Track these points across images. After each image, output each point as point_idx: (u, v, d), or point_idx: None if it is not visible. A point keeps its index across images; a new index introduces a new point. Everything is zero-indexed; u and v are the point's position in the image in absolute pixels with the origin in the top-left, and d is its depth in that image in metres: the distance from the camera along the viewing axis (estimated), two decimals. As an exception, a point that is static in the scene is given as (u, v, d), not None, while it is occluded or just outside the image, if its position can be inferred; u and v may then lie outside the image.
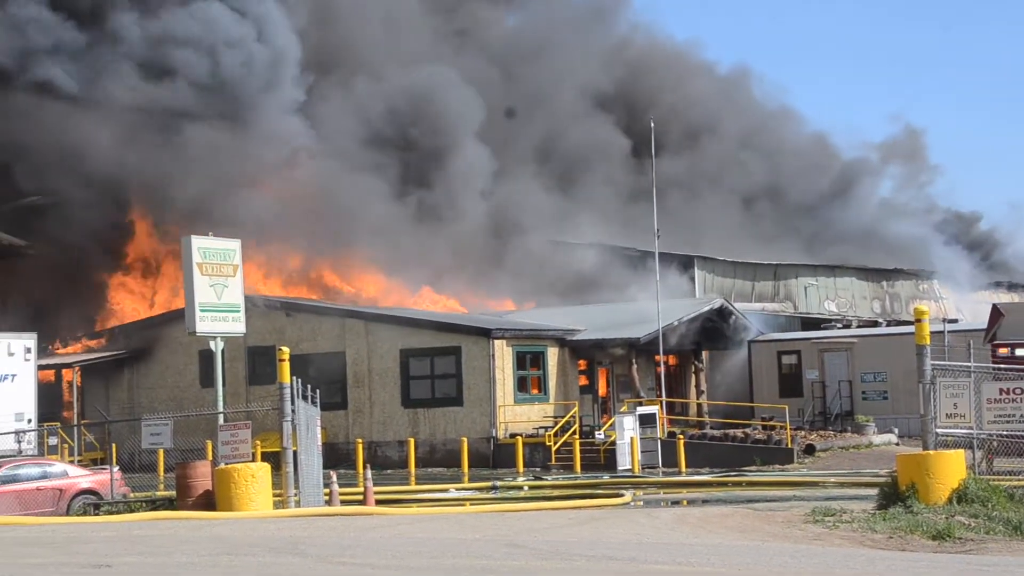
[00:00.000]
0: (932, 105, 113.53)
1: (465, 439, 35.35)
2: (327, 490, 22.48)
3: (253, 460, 20.75)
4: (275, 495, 20.33)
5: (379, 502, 23.64)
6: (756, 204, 55.63)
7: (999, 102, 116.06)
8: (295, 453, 20.70)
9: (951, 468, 16.96)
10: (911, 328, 18.35)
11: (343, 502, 23.04)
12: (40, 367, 30.29)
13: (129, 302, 44.50)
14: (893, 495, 17.08)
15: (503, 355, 36.82)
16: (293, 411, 20.77)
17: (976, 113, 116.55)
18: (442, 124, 46.58)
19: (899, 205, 62.94)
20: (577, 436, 35.20)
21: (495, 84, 49.74)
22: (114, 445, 29.60)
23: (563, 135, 52.25)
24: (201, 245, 22.98)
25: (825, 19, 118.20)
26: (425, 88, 46.70)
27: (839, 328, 44.25)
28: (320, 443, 22.56)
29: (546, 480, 31.13)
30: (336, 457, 35.28)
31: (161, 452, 32.48)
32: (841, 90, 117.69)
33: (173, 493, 21.27)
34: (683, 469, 32.84)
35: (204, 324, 22.84)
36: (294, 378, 21.05)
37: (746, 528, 15.80)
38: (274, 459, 21.49)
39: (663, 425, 35.22)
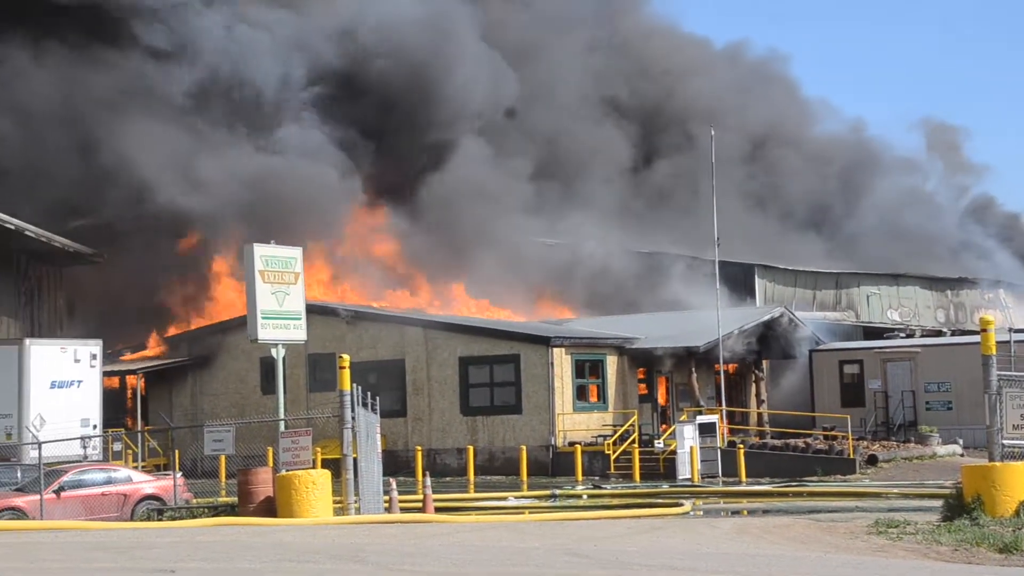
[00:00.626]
0: (952, 106, 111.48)
1: (524, 447, 35.35)
2: (387, 497, 22.57)
3: (314, 467, 20.88)
4: (335, 502, 20.44)
5: (438, 510, 23.69)
6: (772, 203, 54.37)
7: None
8: (355, 460, 20.80)
9: (1018, 480, 16.68)
10: (976, 338, 18.12)
11: (403, 509, 23.12)
12: (105, 373, 30.73)
13: (192, 309, 44.97)
14: (958, 507, 16.83)
15: (562, 363, 36.77)
16: (353, 418, 20.87)
17: (1000, 115, 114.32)
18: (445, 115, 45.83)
19: (929, 198, 61.45)
20: (636, 445, 35.08)
21: (503, 80, 48.97)
22: (176, 451, 29.95)
23: (566, 134, 51.27)
24: (263, 253, 23.18)
25: (834, 20, 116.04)
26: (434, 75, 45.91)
27: (902, 337, 43.71)
28: (380, 450, 22.67)
29: (605, 489, 31.03)
30: (395, 464, 35.41)
31: (223, 458, 32.72)
32: (854, 90, 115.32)
33: (235, 499, 21.45)
34: (743, 479, 32.60)
35: (266, 331, 23.04)
36: (354, 385, 21.16)
37: (808, 539, 15.65)
38: (334, 466, 21.63)
39: (723, 434, 34.98)
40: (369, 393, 22.16)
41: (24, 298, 38.22)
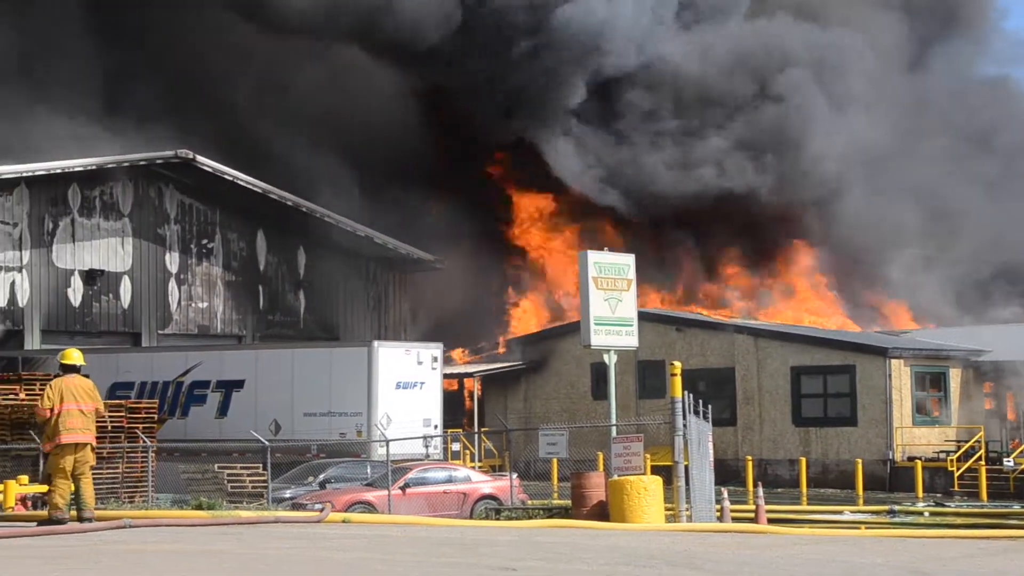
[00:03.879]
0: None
1: (859, 460, 34.17)
2: (718, 506, 22.35)
3: (644, 473, 20.94)
4: (667, 509, 20.42)
5: (770, 521, 23.24)
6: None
7: None
8: (687, 468, 20.71)
9: None
10: None
11: (734, 520, 22.82)
12: (444, 376, 31.99)
13: (526, 315, 46.16)
14: None
15: (900, 375, 35.34)
16: (685, 426, 20.79)
17: None
18: None
19: None
20: (983, 462, 33.21)
21: None
22: (510, 453, 30.82)
23: None
24: (597, 260, 23.50)
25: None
26: None
27: None
28: (712, 459, 22.48)
29: (948, 507, 29.53)
30: (725, 474, 35.01)
31: (555, 461, 33.46)
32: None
33: (568, 502, 21.81)
34: (1106, 503, 30.20)
35: (598, 337, 23.32)
36: (685, 392, 21.08)
37: None
38: (664, 473, 21.60)
39: (1082, 454, 32.55)
40: (700, 401, 22.02)
41: (373, 302, 40.56)
